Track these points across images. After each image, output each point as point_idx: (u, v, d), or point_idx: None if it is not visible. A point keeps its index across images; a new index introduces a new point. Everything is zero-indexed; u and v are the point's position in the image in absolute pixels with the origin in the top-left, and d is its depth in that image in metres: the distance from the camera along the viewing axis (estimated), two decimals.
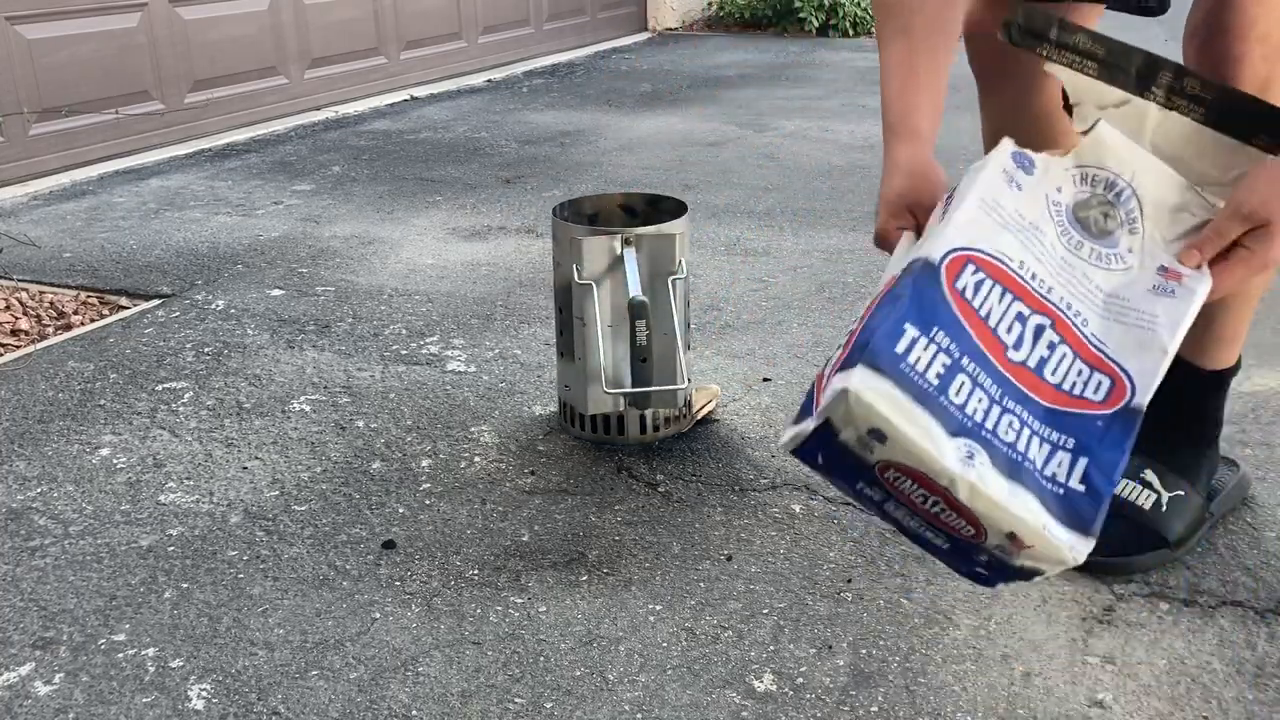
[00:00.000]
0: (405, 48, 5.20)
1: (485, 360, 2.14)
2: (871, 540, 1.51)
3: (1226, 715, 1.18)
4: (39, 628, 1.37)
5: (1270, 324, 2.19)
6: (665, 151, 3.87)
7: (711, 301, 2.40)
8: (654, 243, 1.68)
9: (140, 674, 1.29)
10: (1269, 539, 1.47)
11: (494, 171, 3.66)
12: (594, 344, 1.69)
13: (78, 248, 2.90)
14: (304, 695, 1.24)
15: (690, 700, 1.22)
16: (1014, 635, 1.31)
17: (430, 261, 2.74)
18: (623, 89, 5.16)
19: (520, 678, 1.26)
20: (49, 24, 3.67)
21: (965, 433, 0.92)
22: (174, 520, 1.60)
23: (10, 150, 3.60)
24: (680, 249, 1.70)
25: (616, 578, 1.44)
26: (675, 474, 1.69)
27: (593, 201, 1.87)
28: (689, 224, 1.76)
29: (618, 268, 1.68)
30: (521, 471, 1.71)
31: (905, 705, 1.20)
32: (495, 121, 4.48)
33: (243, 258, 2.79)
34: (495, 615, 1.37)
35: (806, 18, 6.78)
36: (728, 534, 1.53)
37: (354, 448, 1.80)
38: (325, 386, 2.03)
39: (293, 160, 3.87)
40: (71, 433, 1.88)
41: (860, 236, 2.85)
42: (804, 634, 1.32)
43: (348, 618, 1.37)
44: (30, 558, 1.52)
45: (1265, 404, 1.85)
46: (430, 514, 1.60)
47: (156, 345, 2.24)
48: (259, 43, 4.45)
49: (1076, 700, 1.20)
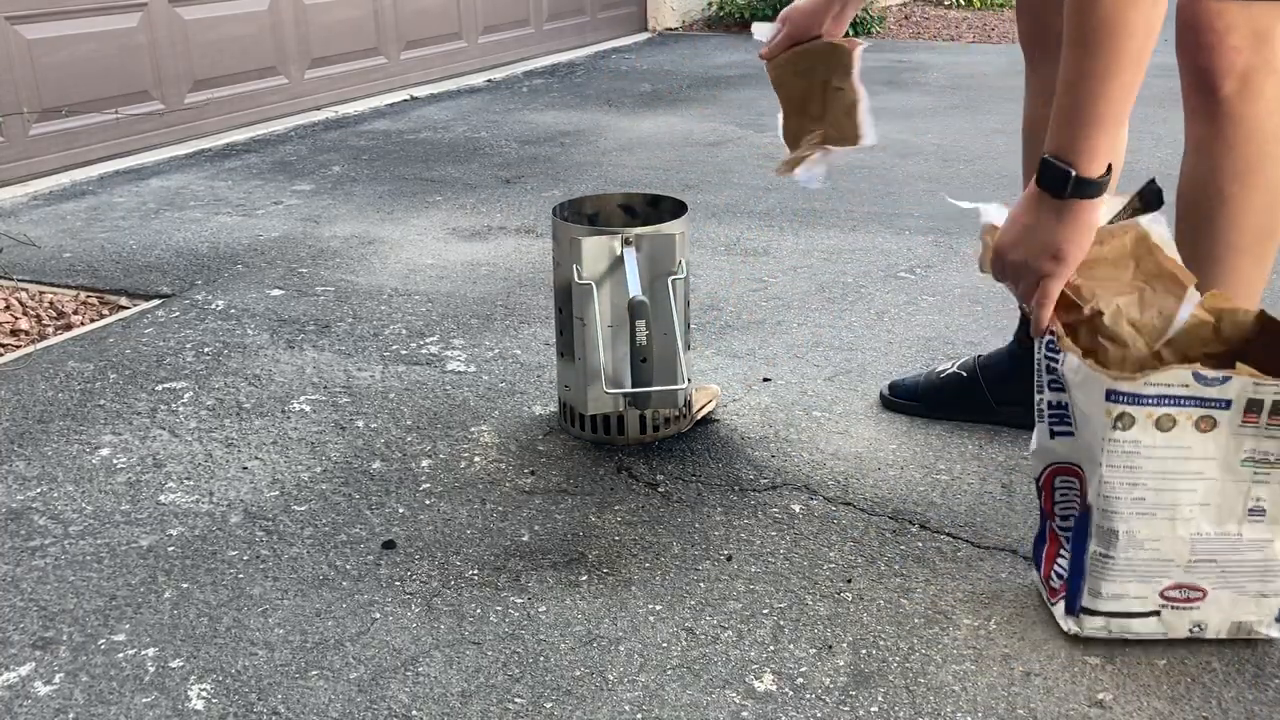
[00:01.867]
0: (405, 48, 5.20)
1: (485, 360, 2.14)
2: (871, 540, 1.51)
3: (1226, 715, 1.18)
4: (39, 628, 1.37)
5: None
6: (665, 151, 3.87)
7: (711, 301, 2.40)
8: (654, 243, 1.68)
9: (140, 674, 1.29)
10: None
11: (494, 171, 3.66)
12: (594, 344, 1.69)
13: (78, 248, 2.90)
14: (304, 695, 1.24)
15: (690, 700, 1.22)
16: (1014, 635, 1.31)
17: (430, 261, 2.74)
18: (623, 89, 5.16)
19: (520, 678, 1.26)
20: (49, 24, 3.67)
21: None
22: (174, 520, 1.60)
23: (10, 150, 3.60)
24: (680, 249, 1.70)
25: (616, 578, 1.44)
26: (675, 474, 1.69)
27: (593, 201, 1.87)
28: (689, 224, 1.76)
29: (618, 268, 1.68)
30: (521, 471, 1.71)
31: (905, 705, 1.20)
32: (495, 121, 4.48)
33: (243, 258, 2.79)
34: (495, 615, 1.37)
35: None
36: (728, 534, 1.53)
37: (354, 448, 1.80)
38: (325, 386, 2.03)
39: (293, 160, 3.87)
40: (71, 433, 1.88)
41: (860, 236, 2.85)
42: (804, 634, 1.32)
43: (348, 618, 1.37)
44: (30, 558, 1.52)
45: None
46: (430, 514, 1.60)
47: (156, 345, 2.24)
48: (259, 43, 4.45)
49: (1076, 700, 1.20)
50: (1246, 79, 1.33)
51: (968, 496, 1.61)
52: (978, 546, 1.49)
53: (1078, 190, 1.20)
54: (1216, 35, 1.32)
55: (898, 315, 2.31)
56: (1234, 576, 1.22)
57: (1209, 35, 1.32)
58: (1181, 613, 1.24)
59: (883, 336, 2.19)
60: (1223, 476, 1.18)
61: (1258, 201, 1.36)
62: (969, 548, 1.48)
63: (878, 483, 1.66)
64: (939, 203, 3.12)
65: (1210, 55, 1.33)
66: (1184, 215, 1.43)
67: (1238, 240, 1.38)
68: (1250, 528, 1.20)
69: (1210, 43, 1.33)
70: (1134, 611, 1.25)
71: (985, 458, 1.71)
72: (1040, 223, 1.22)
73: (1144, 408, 1.16)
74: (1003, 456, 1.72)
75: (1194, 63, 1.35)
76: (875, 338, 2.19)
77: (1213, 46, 1.33)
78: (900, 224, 2.95)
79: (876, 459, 1.73)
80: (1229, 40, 1.32)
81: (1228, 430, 1.16)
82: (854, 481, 1.66)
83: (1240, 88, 1.34)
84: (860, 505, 1.60)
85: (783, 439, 1.79)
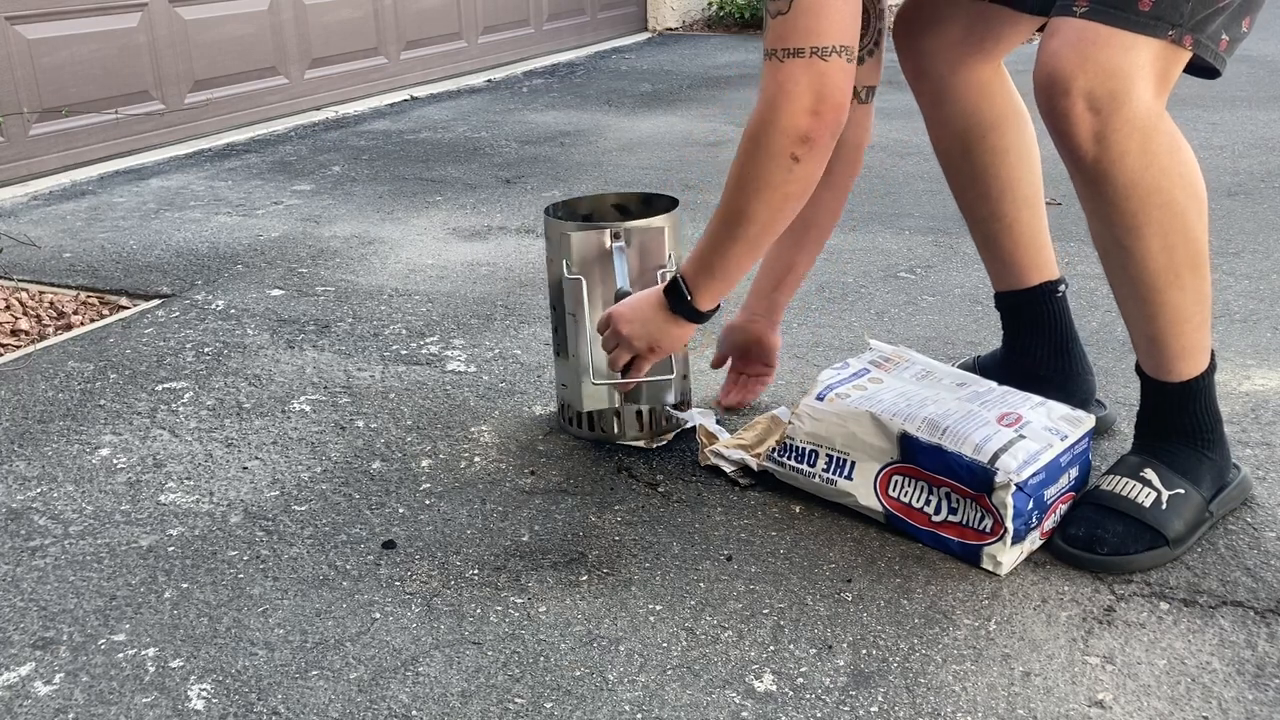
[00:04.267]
0: (405, 48, 5.20)
1: (485, 360, 2.14)
2: (871, 540, 1.51)
3: (1226, 715, 1.18)
4: (39, 628, 1.37)
5: (1270, 324, 2.19)
6: (665, 151, 3.87)
7: None
8: (643, 236, 1.68)
9: (140, 674, 1.29)
10: (1269, 539, 1.47)
11: (494, 171, 3.66)
12: (585, 338, 1.69)
13: (78, 248, 2.90)
14: (304, 695, 1.24)
15: (690, 700, 1.22)
16: (1014, 635, 1.31)
17: (430, 261, 2.74)
18: (623, 89, 5.17)
19: (520, 678, 1.26)
20: (49, 24, 3.68)
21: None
22: (174, 520, 1.60)
23: (10, 150, 3.60)
24: (670, 242, 1.70)
25: (616, 578, 1.44)
26: (675, 474, 1.69)
27: (587, 202, 1.87)
28: (683, 220, 1.76)
29: (608, 262, 1.69)
30: (521, 471, 1.71)
31: (905, 705, 1.20)
32: (495, 121, 4.48)
33: (243, 258, 2.79)
34: (495, 615, 1.37)
35: None
36: (728, 534, 1.53)
37: (354, 448, 1.80)
38: (325, 386, 2.03)
39: (293, 160, 3.87)
40: (71, 433, 1.88)
41: (860, 236, 2.85)
42: (804, 634, 1.32)
43: (348, 618, 1.37)
44: (30, 558, 1.52)
45: (1265, 404, 1.85)
46: (430, 514, 1.60)
47: (156, 345, 2.24)
48: (259, 43, 4.45)
49: (1076, 700, 1.20)
50: (1104, 142, 1.28)
51: None
52: None
53: (690, 316, 1.55)
54: (1070, 100, 1.28)
55: (898, 315, 2.31)
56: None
57: (1063, 100, 1.28)
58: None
59: (883, 336, 2.19)
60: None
61: (1155, 246, 1.34)
62: None
63: None
64: (939, 203, 3.12)
65: (1065, 122, 1.29)
66: (1103, 265, 1.43)
67: (1154, 282, 1.37)
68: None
69: (1065, 109, 1.28)
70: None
71: None
72: (655, 320, 1.57)
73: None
74: None
75: (1053, 127, 1.31)
76: (875, 338, 2.19)
77: (1067, 113, 1.29)
78: (900, 224, 2.95)
79: None
80: (1080, 105, 1.27)
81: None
82: None
83: (1101, 152, 1.29)
84: None
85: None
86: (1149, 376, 1.49)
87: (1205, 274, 1.39)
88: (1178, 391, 1.47)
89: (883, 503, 1.51)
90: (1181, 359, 1.45)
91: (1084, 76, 1.27)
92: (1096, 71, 1.27)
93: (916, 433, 1.47)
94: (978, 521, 1.42)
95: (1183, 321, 1.41)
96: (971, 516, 1.43)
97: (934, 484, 1.46)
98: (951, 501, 1.45)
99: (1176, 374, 1.46)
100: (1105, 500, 1.45)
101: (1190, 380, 1.46)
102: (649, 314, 1.57)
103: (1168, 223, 1.34)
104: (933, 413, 1.49)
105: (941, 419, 1.48)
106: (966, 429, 1.46)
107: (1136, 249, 1.36)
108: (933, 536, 1.47)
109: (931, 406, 1.51)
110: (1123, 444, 1.71)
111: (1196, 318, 1.42)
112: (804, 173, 1.41)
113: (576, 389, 1.75)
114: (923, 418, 1.48)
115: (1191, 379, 1.46)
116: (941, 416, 1.48)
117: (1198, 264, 1.38)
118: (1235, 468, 1.54)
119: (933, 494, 1.47)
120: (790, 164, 1.40)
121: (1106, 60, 1.26)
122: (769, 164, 1.40)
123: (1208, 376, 1.47)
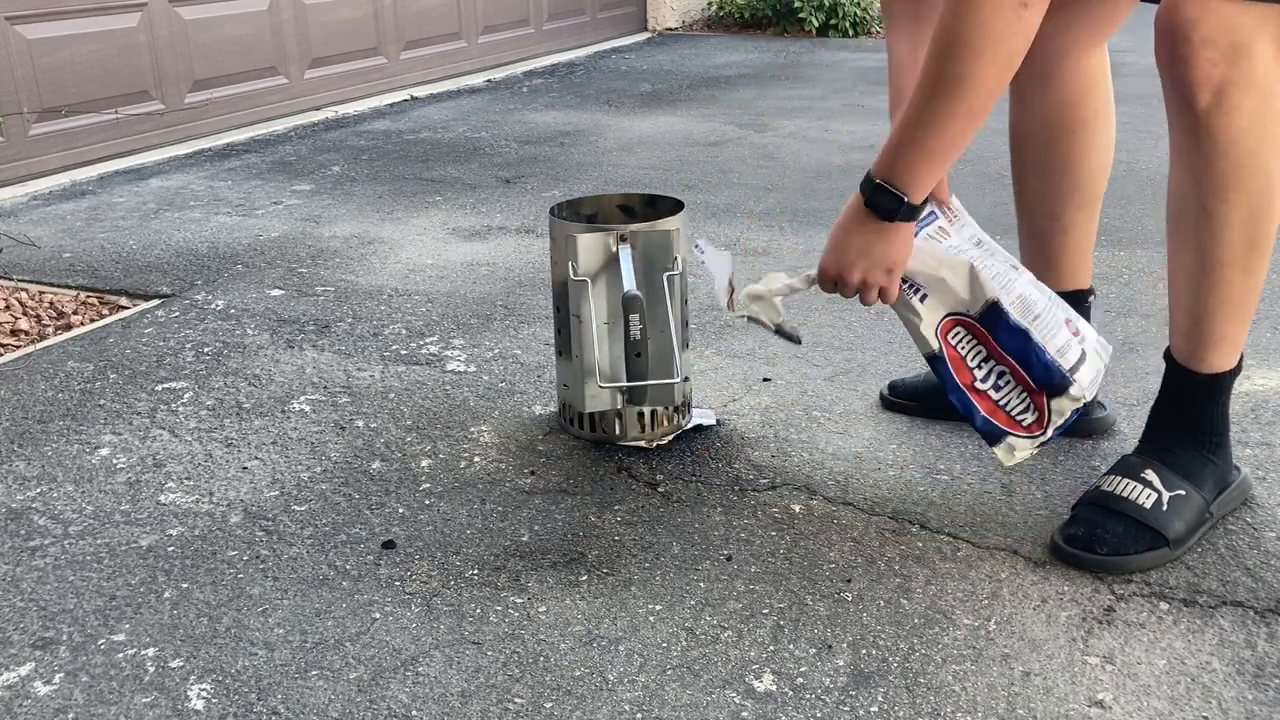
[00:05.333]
0: (405, 48, 5.20)
1: (485, 360, 2.14)
2: (871, 540, 1.51)
3: (1226, 715, 1.18)
4: (39, 628, 1.37)
5: (1270, 324, 2.19)
6: (665, 151, 3.87)
7: (712, 301, 2.40)
8: (649, 239, 1.68)
9: (140, 674, 1.29)
10: (1269, 539, 1.47)
11: (494, 171, 3.66)
12: (590, 340, 1.69)
13: (78, 248, 2.90)
14: (304, 695, 1.24)
15: (690, 700, 1.22)
16: (1014, 635, 1.31)
17: (430, 261, 2.74)
18: (623, 89, 5.17)
19: (520, 678, 1.26)
20: (49, 24, 3.67)
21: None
22: (174, 520, 1.60)
23: (10, 150, 3.60)
24: (676, 245, 1.70)
25: (616, 578, 1.44)
26: (675, 474, 1.69)
27: (591, 202, 1.87)
28: (687, 222, 1.76)
29: (614, 265, 1.68)
30: (521, 471, 1.71)
31: (905, 705, 1.20)
32: (495, 121, 4.48)
33: (242, 258, 2.79)
34: (495, 615, 1.37)
35: (806, 18, 6.78)
36: (728, 534, 1.53)
37: (354, 448, 1.80)
38: (325, 386, 2.03)
39: (293, 160, 3.87)
40: (71, 433, 1.88)
41: None
42: (804, 634, 1.32)
43: (348, 618, 1.37)
44: (30, 558, 1.52)
45: (1265, 404, 1.85)
46: (430, 514, 1.60)
47: (156, 345, 2.24)
48: (259, 43, 4.45)
49: (1076, 700, 1.20)
50: (1221, 93, 1.29)
51: (968, 496, 1.61)
52: (977, 546, 1.49)
53: (906, 215, 1.38)
54: (1192, 47, 1.28)
55: (898, 315, 2.31)
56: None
57: (1184, 47, 1.29)
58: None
59: (883, 336, 2.19)
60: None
61: (1238, 216, 1.34)
62: (969, 548, 1.49)
63: (877, 483, 1.66)
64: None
65: (1185, 68, 1.29)
66: (1171, 229, 1.42)
67: (1222, 254, 1.37)
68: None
69: (1185, 55, 1.29)
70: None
71: (985, 458, 1.71)
72: (869, 244, 1.41)
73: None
74: None
75: (1170, 74, 1.32)
76: (875, 338, 2.19)
77: (1187, 59, 1.29)
78: None
79: (876, 459, 1.73)
80: (1204, 53, 1.28)
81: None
82: (854, 481, 1.66)
83: (1215, 102, 1.30)
84: (860, 505, 1.60)
85: (783, 439, 1.79)
86: (1179, 364, 1.47)
87: (1266, 264, 1.39)
88: (1204, 385, 1.46)
89: (940, 343, 1.48)
90: (1218, 347, 1.44)
91: (1206, 25, 1.27)
92: (1219, 23, 1.27)
93: (1009, 308, 1.44)
94: (1020, 410, 1.42)
95: (1233, 306, 1.40)
96: (1015, 404, 1.43)
97: (997, 357, 1.46)
98: (1000, 380, 1.44)
99: (1209, 363, 1.44)
100: (1106, 501, 1.45)
101: (1218, 375, 1.45)
102: (862, 242, 1.42)
103: (1257, 193, 1.33)
104: (1024, 293, 1.46)
105: (1032, 304, 1.45)
106: (1052, 325, 1.44)
107: (1218, 213, 1.35)
108: (964, 400, 1.47)
109: (1020, 286, 1.47)
110: (1123, 444, 1.71)
111: (1246, 307, 1.41)
112: (1032, 22, 1.28)
113: (578, 390, 1.75)
114: (1017, 294, 1.45)
115: (1219, 374, 1.45)
116: (1032, 302, 1.45)
117: (1265, 249, 1.37)
118: (1236, 469, 1.54)
119: (987, 362, 1.46)
120: (1019, 10, 1.26)
121: (1231, 14, 1.27)
122: (994, 15, 1.26)
123: (1232, 376, 1.46)
